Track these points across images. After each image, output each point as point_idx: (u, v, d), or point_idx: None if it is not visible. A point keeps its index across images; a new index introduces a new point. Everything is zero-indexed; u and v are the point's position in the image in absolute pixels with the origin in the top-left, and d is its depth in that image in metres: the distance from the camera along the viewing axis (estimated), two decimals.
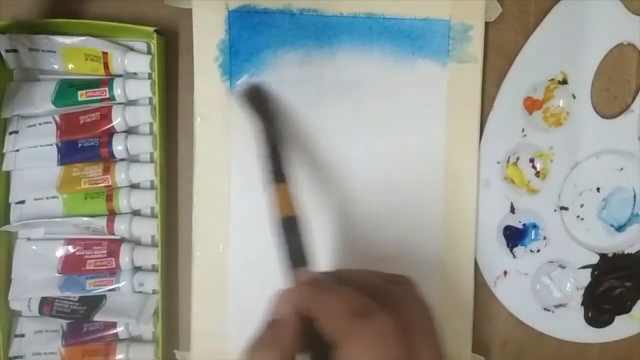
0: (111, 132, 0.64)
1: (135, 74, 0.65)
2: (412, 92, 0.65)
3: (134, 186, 0.66)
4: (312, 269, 0.49)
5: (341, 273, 0.47)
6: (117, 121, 0.64)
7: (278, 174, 0.55)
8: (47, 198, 0.65)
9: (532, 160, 0.67)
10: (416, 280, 0.46)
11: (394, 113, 0.65)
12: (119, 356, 0.65)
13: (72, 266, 0.65)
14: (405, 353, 0.39)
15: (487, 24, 0.66)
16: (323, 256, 0.63)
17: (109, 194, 0.65)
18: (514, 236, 0.69)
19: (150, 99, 0.65)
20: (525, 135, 0.67)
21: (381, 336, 0.38)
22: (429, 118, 0.66)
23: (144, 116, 0.64)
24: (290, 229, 0.51)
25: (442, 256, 0.66)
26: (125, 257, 0.64)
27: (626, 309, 0.70)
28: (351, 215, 0.66)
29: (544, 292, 0.69)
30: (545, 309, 0.70)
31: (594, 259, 0.69)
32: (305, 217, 0.51)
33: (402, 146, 0.66)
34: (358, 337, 0.38)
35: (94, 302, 0.65)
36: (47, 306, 0.65)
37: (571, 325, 0.70)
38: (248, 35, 0.64)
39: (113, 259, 0.64)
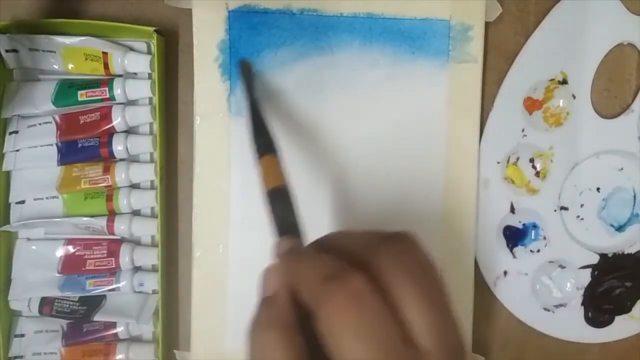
0: (111, 132, 0.64)
1: (135, 74, 0.65)
2: (412, 92, 0.65)
3: (134, 186, 0.66)
4: (294, 237, 0.47)
5: (328, 236, 0.44)
6: (117, 121, 0.63)
7: (263, 145, 0.54)
8: (47, 198, 0.65)
9: (532, 160, 0.67)
10: (417, 236, 0.41)
11: (394, 113, 0.66)
12: (119, 356, 0.65)
13: (72, 266, 0.65)
14: (386, 311, 0.35)
15: (487, 24, 0.66)
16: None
17: (109, 194, 0.65)
18: (514, 236, 0.69)
19: (150, 99, 0.65)
20: (525, 135, 0.67)
21: (355, 296, 0.35)
22: (429, 118, 0.66)
23: (144, 116, 0.64)
24: (278, 199, 0.49)
25: (442, 256, 0.66)
26: (125, 257, 0.64)
27: (626, 309, 0.70)
28: (349, 216, 0.66)
29: (544, 292, 0.69)
30: (545, 309, 0.70)
31: (594, 259, 0.69)
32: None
33: (402, 146, 0.66)
34: (331, 300, 0.35)
35: (94, 302, 0.65)
36: (47, 306, 0.65)
37: (571, 325, 0.70)
38: (248, 35, 0.64)
39: (113, 259, 0.64)
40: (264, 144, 0.54)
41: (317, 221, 0.48)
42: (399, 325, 0.35)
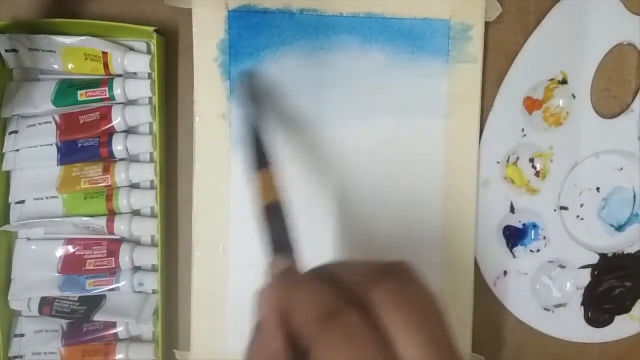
0: (111, 132, 0.64)
1: (135, 74, 0.65)
2: (412, 92, 0.65)
3: (134, 186, 0.66)
4: (289, 257, 0.46)
5: (326, 266, 0.42)
6: (117, 121, 0.64)
7: (259, 160, 0.54)
8: (47, 198, 0.65)
9: (532, 160, 0.67)
10: (416, 266, 0.41)
11: (394, 113, 0.66)
12: (119, 356, 0.65)
13: (72, 266, 0.65)
14: (380, 351, 0.34)
15: (487, 24, 0.66)
16: (320, 247, 0.64)
17: (109, 194, 0.65)
18: (514, 236, 0.69)
19: (150, 99, 0.65)
20: (525, 135, 0.67)
21: (350, 336, 0.34)
22: (429, 118, 0.66)
23: (144, 116, 0.64)
24: (272, 216, 0.48)
25: (442, 256, 0.66)
26: (125, 257, 0.64)
27: (626, 309, 0.70)
28: (350, 215, 0.66)
29: (544, 292, 0.69)
30: (545, 309, 0.70)
31: (594, 259, 0.69)
32: (298, 206, 0.49)
33: (402, 146, 0.66)
34: (325, 340, 0.35)
35: (94, 302, 0.65)
36: (47, 306, 0.65)
37: (571, 325, 0.70)
38: (248, 35, 0.64)
39: (113, 259, 0.64)
40: (259, 159, 0.53)
41: (316, 228, 0.48)
42: None
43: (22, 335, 0.66)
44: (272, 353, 0.37)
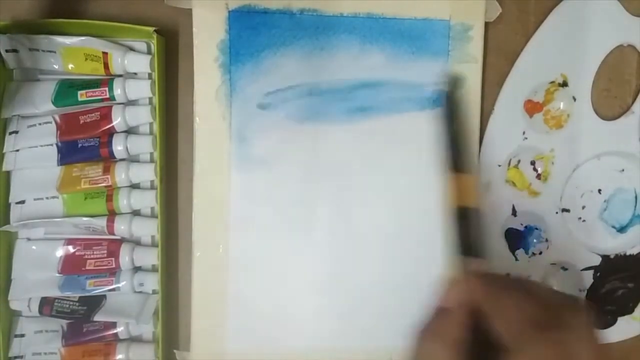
0: (111, 132, 0.64)
1: (135, 74, 0.65)
2: (412, 93, 0.65)
3: (134, 186, 0.66)
4: (482, 260, 0.48)
5: (514, 278, 0.47)
6: (117, 121, 0.64)
7: (459, 163, 0.54)
8: (47, 198, 0.65)
9: (533, 163, 0.67)
10: (588, 306, 0.44)
11: (394, 113, 0.65)
12: (119, 356, 0.65)
13: (72, 266, 0.65)
14: None
15: (487, 24, 0.66)
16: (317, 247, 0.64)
17: (109, 194, 0.65)
18: (516, 239, 0.69)
19: (150, 99, 0.65)
20: (526, 138, 0.67)
21: (557, 353, 0.38)
22: (429, 119, 0.65)
23: (144, 116, 0.64)
24: (465, 219, 0.50)
25: (442, 257, 0.66)
26: (125, 257, 0.64)
27: (628, 310, 0.70)
28: (348, 216, 0.66)
29: None
30: None
31: (596, 261, 0.69)
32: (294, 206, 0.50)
33: (401, 146, 0.66)
34: (535, 347, 0.38)
35: (94, 302, 0.65)
36: (47, 306, 0.65)
37: None
38: (248, 35, 0.64)
39: (113, 259, 0.64)
40: (463, 162, 0.54)
41: None
42: None
43: (22, 335, 0.66)
44: (455, 339, 0.41)
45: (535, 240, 0.69)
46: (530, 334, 0.39)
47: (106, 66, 0.63)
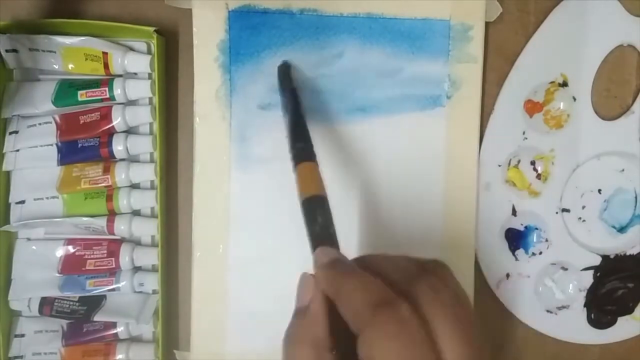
0: (111, 132, 0.64)
1: (135, 74, 0.65)
2: (412, 93, 0.65)
3: (134, 186, 0.66)
4: (333, 248, 0.46)
5: (367, 258, 0.45)
6: (117, 121, 0.64)
7: (301, 152, 0.54)
8: (47, 198, 0.65)
9: (533, 163, 0.67)
10: (450, 266, 0.43)
11: (394, 113, 0.65)
12: (119, 356, 0.65)
13: (72, 266, 0.65)
14: (427, 345, 0.36)
15: (487, 24, 0.66)
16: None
17: (109, 194, 0.65)
18: (516, 239, 0.69)
19: (150, 99, 0.65)
20: (526, 138, 0.67)
21: (403, 327, 0.36)
22: (429, 119, 0.65)
23: (144, 116, 0.64)
24: (314, 208, 0.49)
25: (443, 257, 0.66)
26: (125, 257, 0.64)
27: (628, 310, 0.70)
28: (347, 217, 0.66)
29: (546, 294, 0.69)
30: (547, 310, 0.70)
31: (596, 261, 0.69)
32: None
33: (401, 147, 0.66)
34: (379, 327, 0.36)
35: (94, 302, 0.65)
36: (47, 306, 0.65)
37: (574, 327, 0.70)
38: (248, 35, 0.64)
39: (113, 259, 0.64)
40: (302, 151, 0.54)
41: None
42: (437, 357, 0.36)
43: (22, 335, 0.66)
44: (315, 337, 0.40)
45: (535, 240, 0.69)
46: (374, 312, 0.37)
47: (106, 66, 0.63)
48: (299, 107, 0.59)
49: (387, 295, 0.38)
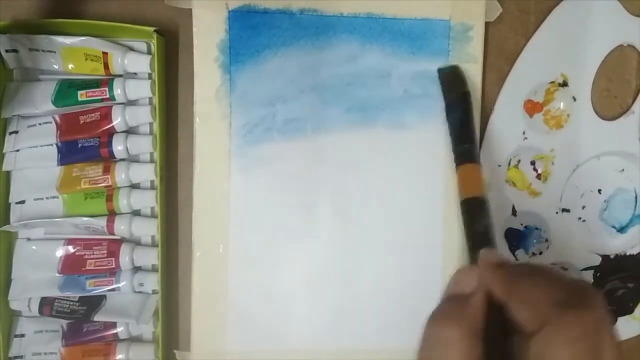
0: (111, 132, 0.64)
1: (135, 74, 0.65)
2: (412, 93, 0.65)
3: (134, 186, 0.66)
4: (494, 250, 0.48)
5: (526, 264, 0.48)
6: (117, 121, 0.63)
7: (467, 152, 0.55)
8: (47, 198, 0.65)
9: (533, 163, 0.67)
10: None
11: (393, 113, 0.65)
12: (119, 356, 0.65)
13: (72, 266, 0.65)
14: (596, 354, 0.38)
15: (487, 24, 0.66)
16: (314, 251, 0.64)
17: (109, 194, 0.65)
18: (516, 239, 0.69)
19: (150, 99, 0.65)
20: (526, 138, 0.67)
21: (587, 332, 0.38)
22: (429, 119, 0.65)
23: (144, 116, 0.64)
24: (475, 210, 0.51)
25: (442, 256, 0.66)
26: (125, 257, 0.64)
27: (628, 310, 0.70)
28: (347, 218, 0.66)
29: None
30: None
31: (596, 261, 0.69)
32: (293, 207, 0.50)
33: (401, 147, 0.66)
34: (564, 327, 0.38)
35: (94, 302, 0.65)
36: (47, 306, 0.65)
37: None
38: (248, 35, 0.64)
39: (113, 259, 0.64)
40: (465, 152, 0.55)
41: None
42: None
43: (22, 335, 0.65)
44: (472, 324, 0.41)
45: (535, 240, 0.69)
46: (557, 313, 0.38)
47: (106, 66, 0.63)
48: (470, 109, 0.60)
49: (571, 298, 0.39)
